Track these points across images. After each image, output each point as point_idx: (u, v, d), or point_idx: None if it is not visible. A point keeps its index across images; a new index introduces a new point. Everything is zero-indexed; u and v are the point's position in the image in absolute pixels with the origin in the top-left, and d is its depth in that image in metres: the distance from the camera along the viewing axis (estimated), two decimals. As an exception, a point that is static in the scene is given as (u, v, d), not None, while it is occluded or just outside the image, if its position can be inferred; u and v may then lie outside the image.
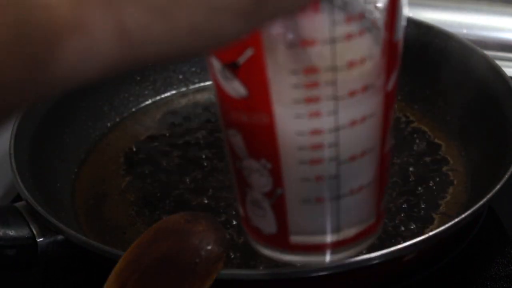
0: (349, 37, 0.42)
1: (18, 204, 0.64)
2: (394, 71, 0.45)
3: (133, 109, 0.83)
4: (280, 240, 0.48)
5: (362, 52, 0.43)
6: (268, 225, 0.47)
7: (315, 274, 0.58)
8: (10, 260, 0.62)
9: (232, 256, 0.66)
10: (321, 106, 0.43)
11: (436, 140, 0.78)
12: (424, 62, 0.81)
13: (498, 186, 0.63)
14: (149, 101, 0.84)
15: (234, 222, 0.69)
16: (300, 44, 0.42)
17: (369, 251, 0.59)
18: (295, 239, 0.47)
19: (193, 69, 0.87)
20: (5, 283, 0.69)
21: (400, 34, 0.45)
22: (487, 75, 0.76)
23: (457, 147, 0.76)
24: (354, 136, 0.45)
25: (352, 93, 0.43)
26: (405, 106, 0.82)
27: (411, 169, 0.74)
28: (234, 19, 0.36)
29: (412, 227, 0.68)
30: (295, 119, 0.43)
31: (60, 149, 0.75)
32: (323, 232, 0.47)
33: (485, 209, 0.71)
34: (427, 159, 0.75)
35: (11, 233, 0.62)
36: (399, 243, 0.59)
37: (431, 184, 0.72)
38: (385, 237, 0.67)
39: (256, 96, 0.43)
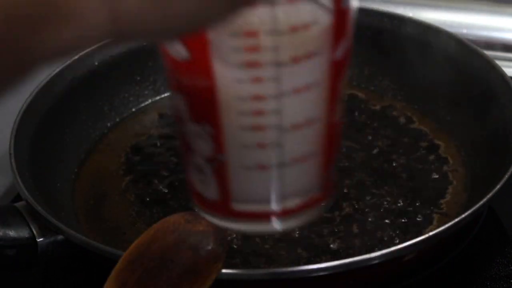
0: (291, 0, 0.42)
1: (18, 204, 0.64)
2: (343, 39, 0.44)
3: (133, 109, 0.83)
4: (222, 207, 0.47)
5: (306, 17, 0.42)
6: (211, 191, 0.47)
7: (315, 274, 0.58)
8: (10, 260, 0.62)
9: (232, 256, 0.66)
10: (263, 71, 0.42)
11: (436, 140, 0.78)
12: (424, 62, 0.81)
13: (498, 186, 0.63)
14: (149, 101, 0.84)
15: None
16: None
17: (369, 251, 0.59)
18: (237, 206, 0.47)
19: (193, 69, 0.87)
20: (5, 283, 0.69)
21: (348, 1, 0.44)
22: (487, 75, 0.76)
23: (457, 147, 0.76)
24: (298, 104, 0.44)
25: (295, 59, 0.43)
26: (405, 106, 0.82)
27: (411, 169, 0.74)
28: (223, 3, 0.38)
29: (412, 227, 0.68)
30: (236, 83, 0.43)
31: (60, 149, 0.75)
32: (265, 201, 0.46)
33: (485, 209, 0.71)
34: (427, 159, 0.75)
35: (11, 233, 0.62)
36: (399, 243, 0.59)
37: (431, 184, 0.72)
38: (385, 237, 0.67)
39: (197, 58, 0.43)
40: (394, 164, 0.75)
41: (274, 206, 0.46)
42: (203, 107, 0.44)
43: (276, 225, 0.47)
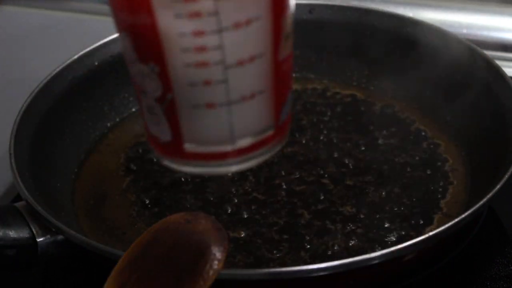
0: None
1: (18, 204, 0.64)
2: None
3: (133, 109, 0.83)
4: (176, 148, 0.47)
5: None
6: (163, 132, 0.47)
7: (315, 274, 0.58)
8: (10, 260, 0.62)
9: (232, 256, 0.66)
10: (201, 5, 0.43)
11: (436, 140, 0.78)
12: (424, 62, 0.81)
13: (498, 186, 0.63)
14: (149, 101, 0.84)
15: (235, 223, 0.69)
16: None
17: (369, 251, 0.59)
18: (189, 147, 0.47)
19: (193, 69, 0.87)
20: (5, 283, 0.69)
21: None
22: (487, 75, 0.76)
23: (457, 147, 0.76)
24: (240, 39, 0.44)
25: None
26: (405, 106, 0.82)
27: (411, 169, 0.74)
28: None
29: (412, 227, 0.68)
30: (175, 19, 0.43)
31: (60, 149, 0.76)
32: (216, 141, 0.47)
33: (485, 209, 0.71)
34: (427, 159, 0.75)
35: (11, 233, 0.62)
36: (399, 243, 0.59)
37: (431, 184, 0.72)
38: (385, 237, 0.67)
39: None
40: (394, 164, 0.75)
41: (227, 146, 0.47)
42: (147, 46, 0.44)
43: (231, 165, 0.47)
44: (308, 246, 0.66)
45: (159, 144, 0.48)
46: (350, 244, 0.67)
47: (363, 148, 0.77)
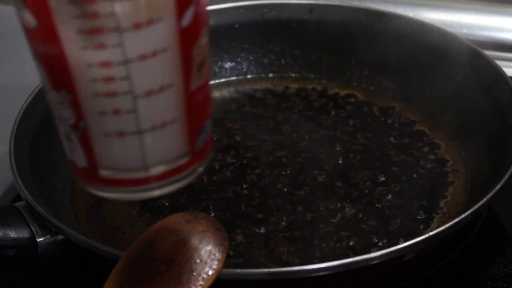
0: None
1: (18, 204, 0.64)
2: (188, 6, 0.45)
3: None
4: (92, 175, 0.48)
5: None
6: (80, 158, 0.48)
7: (315, 274, 0.58)
8: (10, 260, 0.62)
9: (232, 256, 0.66)
10: (105, 37, 0.43)
11: (436, 140, 0.78)
12: (424, 62, 0.81)
13: (498, 186, 0.63)
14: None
15: (235, 223, 0.69)
16: None
17: (369, 251, 0.59)
18: (104, 173, 0.48)
19: (193, 69, 0.87)
20: (5, 283, 0.69)
21: None
22: (487, 75, 0.76)
23: (457, 147, 0.76)
24: (147, 70, 0.45)
25: (136, 26, 0.43)
26: (405, 106, 0.82)
27: (411, 169, 0.74)
28: None
29: (412, 227, 0.68)
30: (82, 50, 0.44)
31: (60, 149, 0.75)
32: (130, 168, 0.47)
33: (485, 209, 0.71)
34: (427, 159, 0.75)
35: (11, 233, 0.62)
36: (399, 243, 0.59)
37: (431, 184, 0.72)
38: (385, 237, 0.67)
39: (45, 26, 0.44)
40: (394, 164, 0.75)
41: (140, 173, 0.47)
42: (59, 75, 0.45)
43: (151, 190, 0.48)
44: (308, 246, 0.66)
45: (77, 169, 0.49)
46: (350, 244, 0.66)
47: (362, 148, 0.77)
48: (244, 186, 0.73)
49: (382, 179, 0.73)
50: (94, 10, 0.43)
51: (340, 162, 0.75)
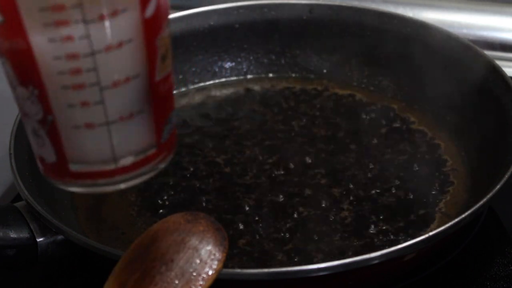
0: None
1: (18, 204, 0.64)
2: None
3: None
4: (61, 169, 0.48)
5: None
6: (48, 153, 0.48)
7: (315, 274, 0.58)
8: (10, 260, 0.62)
9: (232, 256, 0.66)
10: (72, 29, 0.44)
11: (436, 140, 0.78)
12: (424, 62, 0.81)
13: (498, 186, 0.63)
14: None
15: (235, 223, 0.69)
16: None
17: (369, 251, 0.59)
18: (74, 167, 0.48)
19: (193, 69, 0.87)
20: (5, 283, 0.69)
21: None
22: (487, 75, 0.76)
23: (457, 147, 0.76)
24: (113, 61, 0.46)
25: (102, 17, 0.44)
26: (405, 106, 0.82)
27: (411, 169, 0.74)
28: None
29: (412, 227, 0.68)
30: (49, 43, 0.44)
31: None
32: (99, 160, 0.48)
33: (485, 209, 0.71)
34: (427, 159, 0.75)
35: (11, 233, 0.62)
36: (399, 243, 0.59)
37: (431, 184, 0.72)
38: (386, 237, 0.67)
39: (11, 21, 0.44)
40: (394, 164, 0.75)
41: (110, 165, 0.48)
42: (26, 70, 0.46)
43: (118, 183, 0.49)
44: (307, 247, 0.66)
45: (46, 165, 0.49)
46: (349, 244, 0.66)
47: (362, 148, 0.77)
48: (244, 186, 0.73)
49: (381, 178, 0.73)
50: (60, 3, 0.43)
51: (340, 162, 0.75)
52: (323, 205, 0.70)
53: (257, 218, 0.69)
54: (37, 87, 0.46)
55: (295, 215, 0.69)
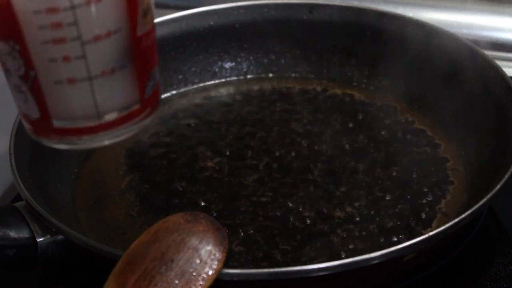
0: None
1: (18, 204, 0.64)
2: None
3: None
4: (46, 126, 0.49)
5: None
6: (32, 110, 0.49)
7: (315, 274, 0.58)
8: (10, 260, 0.62)
9: (232, 256, 0.66)
10: None
11: (436, 140, 0.78)
12: (424, 62, 0.81)
13: (498, 186, 0.63)
14: (149, 101, 0.84)
15: (235, 224, 0.69)
16: None
17: (369, 251, 0.59)
18: (58, 123, 0.49)
19: (193, 69, 0.87)
20: (5, 283, 0.69)
21: None
22: (487, 75, 0.76)
23: (457, 147, 0.76)
24: (94, 15, 0.46)
25: None
26: (405, 106, 0.82)
27: (411, 169, 0.74)
28: None
29: (412, 227, 0.68)
30: None
31: (60, 149, 0.75)
32: (82, 116, 0.48)
33: (485, 209, 0.71)
34: (427, 159, 0.75)
35: (11, 233, 0.62)
36: (399, 243, 0.59)
37: (431, 184, 0.72)
38: (386, 237, 0.67)
39: None
40: (394, 164, 0.75)
41: (94, 120, 0.48)
42: (6, 25, 0.46)
43: (102, 139, 0.49)
44: (308, 247, 0.66)
45: (30, 121, 0.49)
46: (349, 244, 0.66)
47: (362, 148, 0.77)
48: (244, 186, 0.73)
49: (381, 178, 0.73)
50: None
51: (340, 162, 0.75)
52: (323, 205, 0.70)
53: (257, 218, 0.69)
54: (18, 42, 0.46)
55: (295, 215, 0.69)
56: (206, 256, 0.56)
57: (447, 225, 0.60)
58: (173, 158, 0.77)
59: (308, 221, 0.69)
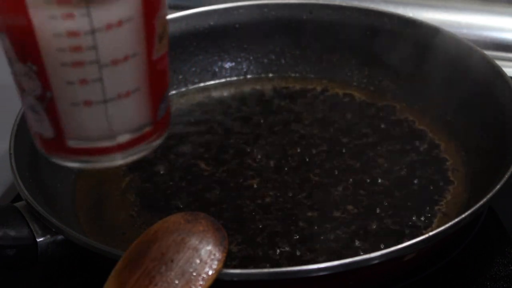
0: None
1: (18, 204, 0.64)
2: None
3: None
4: (59, 145, 0.49)
5: None
6: (46, 130, 0.49)
7: (315, 274, 0.58)
8: (10, 260, 0.62)
9: (232, 256, 0.66)
10: (73, 7, 0.45)
11: (436, 140, 0.78)
12: (424, 62, 0.81)
13: (498, 186, 0.63)
14: (149, 101, 0.84)
15: (235, 224, 0.69)
16: None
17: (369, 251, 0.59)
18: (72, 143, 0.49)
19: (193, 69, 0.87)
20: (5, 283, 0.69)
21: None
22: (487, 75, 0.76)
23: (457, 147, 0.76)
24: (113, 39, 0.46)
25: None
26: (405, 106, 0.82)
27: (411, 169, 0.74)
28: None
29: (412, 227, 0.68)
30: (50, 20, 0.45)
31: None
32: (96, 137, 0.49)
33: (485, 209, 0.71)
34: (427, 159, 0.75)
35: (11, 233, 0.62)
36: (399, 243, 0.59)
37: (431, 184, 0.72)
38: (386, 237, 0.67)
39: None
40: (394, 164, 0.75)
41: (107, 141, 0.49)
42: (25, 46, 0.46)
43: (115, 160, 0.50)
44: (308, 247, 0.66)
45: (44, 141, 0.50)
46: (350, 244, 0.66)
47: (362, 148, 0.77)
48: (244, 187, 0.73)
49: (381, 178, 0.73)
50: None
51: (340, 162, 0.75)
52: (323, 205, 0.70)
53: (257, 218, 0.69)
54: (36, 63, 0.47)
55: (295, 215, 0.69)
56: (206, 256, 0.56)
57: (447, 225, 0.60)
58: (173, 158, 0.77)
59: (308, 221, 0.69)
